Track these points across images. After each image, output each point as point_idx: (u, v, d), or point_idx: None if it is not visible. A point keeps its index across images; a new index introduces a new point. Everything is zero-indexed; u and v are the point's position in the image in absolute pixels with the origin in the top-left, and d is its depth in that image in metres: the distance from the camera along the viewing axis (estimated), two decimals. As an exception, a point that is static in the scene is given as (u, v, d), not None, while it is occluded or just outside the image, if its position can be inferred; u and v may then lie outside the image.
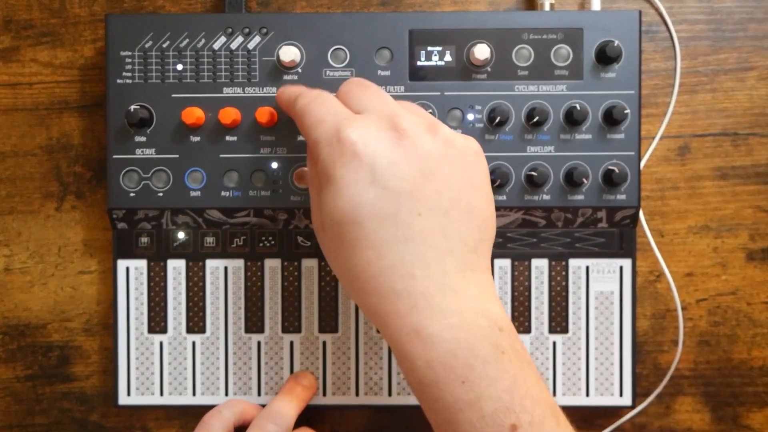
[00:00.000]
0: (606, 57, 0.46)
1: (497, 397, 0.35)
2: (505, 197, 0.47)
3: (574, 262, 0.49)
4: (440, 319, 0.36)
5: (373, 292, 0.37)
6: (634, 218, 0.48)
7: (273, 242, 0.49)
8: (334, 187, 0.37)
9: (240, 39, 0.47)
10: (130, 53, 0.47)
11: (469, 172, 0.38)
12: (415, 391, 0.37)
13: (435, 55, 0.47)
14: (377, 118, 0.38)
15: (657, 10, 0.51)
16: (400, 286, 0.36)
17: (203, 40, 0.47)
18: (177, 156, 0.47)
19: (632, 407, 0.49)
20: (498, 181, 0.46)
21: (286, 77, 0.47)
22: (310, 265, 0.49)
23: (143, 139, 0.47)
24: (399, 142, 0.37)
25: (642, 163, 0.49)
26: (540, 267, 0.49)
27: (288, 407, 0.46)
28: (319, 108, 0.40)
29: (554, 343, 0.49)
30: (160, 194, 0.47)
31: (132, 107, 0.46)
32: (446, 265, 0.37)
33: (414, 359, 0.36)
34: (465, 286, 0.37)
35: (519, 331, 0.49)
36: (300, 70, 0.47)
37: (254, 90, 0.47)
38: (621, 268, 0.49)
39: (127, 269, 0.49)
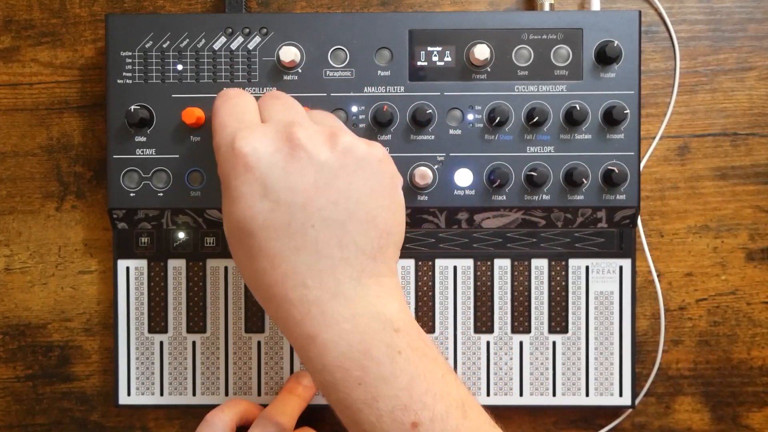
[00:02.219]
0: (606, 57, 0.46)
1: (394, 396, 0.36)
2: (504, 197, 0.47)
3: (573, 262, 0.49)
4: (333, 326, 0.36)
5: (271, 299, 0.38)
6: (634, 218, 0.48)
7: (273, 242, 0.49)
8: (229, 197, 0.38)
9: (240, 39, 0.47)
10: (130, 53, 0.47)
11: (371, 181, 0.38)
12: (321, 393, 0.38)
13: (435, 55, 0.47)
14: (274, 129, 0.38)
15: (657, 10, 0.51)
16: (294, 295, 0.37)
17: (203, 41, 0.47)
18: (177, 156, 0.47)
19: (632, 407, 0.49)
20: (498, 181, 0.47)
21: (286, 77, 0.47)
22: (310, 265, 0.49)
23: (143, 139, 0.47)
24: (293, 154, 0.37)
25: (642, 164, 0.49)
26: (540, 267, 0.49)
27: (289, 407, 0.46)
28: (226, 111, 0.40)
29: (554, 343, 0.49)
30: (160, 194, 0.47)
31: (132, 107, 0.46)
32: (340, 275, 0.37)
33: (312, 364, 0.37)
34: (360, 292, 0.37)
35: (519, 331, 0.49)
36: (300, 71, 0.47)
37: (254, 90, 0.47)
38: (621, 268, 0.49)
39: (128, 269, 0.49)
